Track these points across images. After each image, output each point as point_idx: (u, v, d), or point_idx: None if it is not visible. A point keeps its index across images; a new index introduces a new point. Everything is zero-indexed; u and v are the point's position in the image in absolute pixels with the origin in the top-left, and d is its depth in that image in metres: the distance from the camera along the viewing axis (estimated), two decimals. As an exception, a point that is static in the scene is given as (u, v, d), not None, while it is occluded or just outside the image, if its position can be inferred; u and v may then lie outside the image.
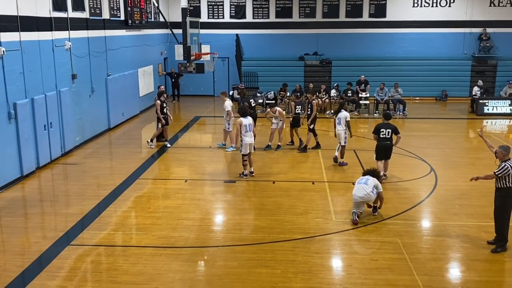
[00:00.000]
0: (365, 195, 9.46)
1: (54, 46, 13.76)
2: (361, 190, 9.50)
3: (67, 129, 14.32)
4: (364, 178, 9.75)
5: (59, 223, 9.76)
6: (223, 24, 25.48)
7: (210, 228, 9.45)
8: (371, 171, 9.95)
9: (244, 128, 12.10)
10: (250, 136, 12.17)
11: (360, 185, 9.58)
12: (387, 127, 11.81)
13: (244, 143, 12.15)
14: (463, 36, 24.93)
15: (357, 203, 9.57)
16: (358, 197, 9.51)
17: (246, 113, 12.42)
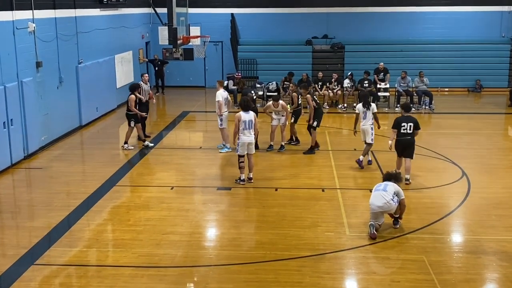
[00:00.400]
0: (385, 203, 9.46)
1: (15, 28, 13.74)
2: (380, 198, 9.49)
3: (30, 127, 14.31)
4: (382, 184, 9.75)
5: (22, 238, 9.73)
6: (216, 2, 25.49)
7: (201, 244, 9.43)
8: (391, 175, 9.95)
9: (243, 124, 11.99)
10: (248, 134, 12.09)
11: (378, 192, 9.58)
12: (408, 120, 12.01)
13: (240, 141, 12.08)
14: (500, 15, 24.95)
15: (375, 214, 9.58)
16: (376, 206, 9.50)
17: (249, 107, 12.24)
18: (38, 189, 12.21)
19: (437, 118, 19.63)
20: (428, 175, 12.84)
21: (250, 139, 12.12)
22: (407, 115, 12.16)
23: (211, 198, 11.62)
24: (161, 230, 9.80)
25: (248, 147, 12.16)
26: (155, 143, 16.03)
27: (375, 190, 9.73)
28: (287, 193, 11.75)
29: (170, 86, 25.39)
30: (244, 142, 12.07)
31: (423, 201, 11.13)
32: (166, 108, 22.50)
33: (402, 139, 12.00)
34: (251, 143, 12.19)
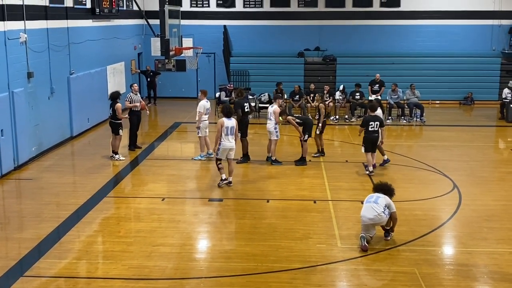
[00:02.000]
0: (376, 216, 9.45)
1: (7, 38, 13.71)
2: (371, 211, 9.48)
3: (21, 138, 14.24)
4: (374, 196, 9.74)
5: (11, 249, 9.65)
6: (209, 14, 25.58)
7: (191, 256, 9.39)
8: (383, 187, 9.95)
9: (225, 130, 12.44)
10: (231, 140, 12.56)
11: (369, 204, 9.58)
12: (375, 119, 13.70)
13: (222, 147, 12.50)
14: (491, 29, 25.19)
15: (366, 226, 9.56)
16: (368, 218, 9.49)
17: (231, 114, 12.76)
18: (28, 200, 12.13)
19: (428, 130, 19.71)
20: (420, 187, 12.87)
21: (231, 145, 12.59)
22: (373, 115, 13.83)
23: (203, 210, 11.58)
24: (151, 242, 9.74)
25: (228, 153, 12.62)
26: (147, 153, 16.00)
27: (366, 202, 9.72)
28: (279, 205, 11.74)
29: (162, 97, 25.39)
30: (226, 148, 12.51)
31: (414, 213, 11.13)
32: (158, 119, 22.47)
33: (370, 136, 13.57)
34: (232, 148, 12.65)
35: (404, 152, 16.14)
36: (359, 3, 25.25)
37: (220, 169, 12.76)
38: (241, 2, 25.53)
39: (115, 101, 15.15)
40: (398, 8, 25.26)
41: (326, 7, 25.36)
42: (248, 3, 25.54)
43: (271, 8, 25.50)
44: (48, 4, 15.92)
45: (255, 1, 25.53)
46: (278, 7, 25.46)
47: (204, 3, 25.60)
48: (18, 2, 14.19)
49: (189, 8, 25.26)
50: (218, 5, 25.59)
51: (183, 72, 25.78)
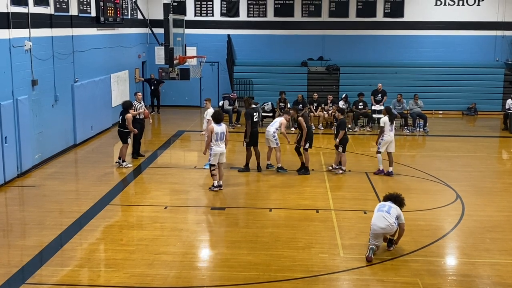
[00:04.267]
0: (388, 226, 9.41)
1: (12, 46, 13.78)
2: (383, 220, 9.43)
3: (25, 145, 14.26)
4: (386, 206, 9.66)
5: (13, 257, 9.64)
6: (213, 23, 25.66)
7: (193, 265, 9.37)
8: (394, 197, 9.84)
9: (215, 136, 12.81)
10: (221, 145, 12.92)
11: (381, 214, 9.52)
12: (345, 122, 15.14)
13: (213, 152, 12.88)
14: (494, 39, 25.20)
15: (377, 235, 9.50)
16: (380, 228, 9.43)
17: (221, 119, 13.05)
18: (30, 207, 12.13)
19: (431, 140, 19.69)
20: (423, 197, 12.84)
21: (222, 150, 12.99)
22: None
23: (205, 218, 11.57)
24: (154, 250, 9.73)
25: (219, 157, 12.96)
26: (150, 162, 16.01)
27: (378, 210, 9.64)
28: (281, 214, 11.72)
29: (165, 105, 25.43)
30: (217, 153, 12.87)
31: (417, 223, 11.10)
32: (161, 127, 22.50)
33: (347, 137, 14.78)
34: (223, 153, 13.04)
35: (407, 162, 16.12)
36: (363, 13, 25.31)
37: (213, 176, 13.11)
38: (245, 11, 25.61)
39: (126, 110, 15.16)
40: (401, 18, 25.31)
41: (329, 17, 25.41)
42: (252, 13, 25.63)
43: (275, 17, 25.57)
44: (53, 13, 16.01)
45: (259, 11, 25.62)
46: (282, 16, 25.53)
47: (208, 12, 25.70)
48: (23, 10, 14.27)
49: (193, 17, 25.35)
50: (222, 15, 25.68)
51: (187, 81, 25.83)
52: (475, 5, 25.12)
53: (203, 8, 25.67)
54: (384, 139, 14.44)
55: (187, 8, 25.47)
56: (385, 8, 25.27)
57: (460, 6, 25.15)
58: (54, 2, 15.99)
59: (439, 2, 25.20)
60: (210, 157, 12.98)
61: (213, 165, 13.05)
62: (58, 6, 16.28)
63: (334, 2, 25.32)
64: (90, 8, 18.79)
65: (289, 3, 25.47)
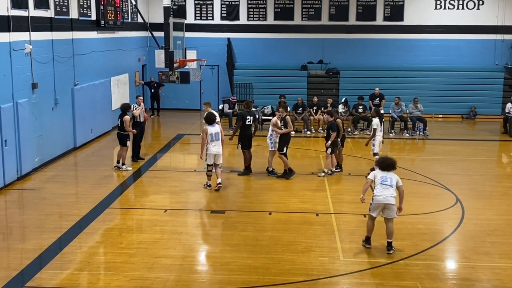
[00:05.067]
0: (394, 198, 9.63)
1: (12, 49, 13.78)
2: (386, 193, 9.61)
3: (24, 148, 14.26)
4: (388, 178, 9.74)
5: (13, 260, 9.63)
6: (213, 27, 25.69)
7: (193, 268, 9.37)
8: (392, 164, 9.91)
9: (210, 137, 13.11)
10: (216, 145, 13.18)
11: (385, 187, 9.66)
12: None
13: (208, 153, 13.21)
14: (494, 43, 25.23)
15: (378, 206, 9.69)
16: (384, 199, 9.59)
17: (213, 121, 13.35)
18: (30, 211, 12.12)
19: (431, 144, 19.69)
20: (422, 201, 12.83)
21: (217, 150, 13.23)
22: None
23: (205, 221, 11.56)
24: (153, 253, 9.72)
25: (215, 158, 13.24)
26: (150, 165, 16.01)
27: (382, 183, 9.68)
28: (281, 217, 11.71)
29: (165, 108, 25.44)
30: (211, 153, 13.19)
31: (417, 227, 11.09)
32: (161, 130, 22.51)
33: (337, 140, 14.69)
34: (218, 154, 13.29)
35: (407, 166, 16.11)
36: (363, 17, 25.35)
37: (208, 176, 13.50)
38: (245, 15, 25.65)
39: (124, 113, 15.19)
40: (401, 22, 25.35)
41: (329, 20, 25.45)
42: (252, 16, 25.67)
43: (274, 21, 25.61)
44: (53, 16, 16.02)
45: (259, 14, 25.66)
46: (282, 20, 25.57)
47: (208, 16, 25.74)
48: (23, 13, 14.29)
49: (193, 20, 25.39)
50: (222, 18, 25.71)
51: (187, 84, 25.85)
52: (474, 9, 25.16)
53: (203, 11, 25.71)
54: (377, 139, 14.91)
55: (187, 12, 25.51)
56: (385, 12, 25.32)
57: (460, 10, 25.20)
58: (54, 5, 16.01)
59: (439, 6, 25.25)
60: (206, 157, 13.34)
61: (209, 165, 13.42)
62: (58, 10, 16.29)
63: (334, 6, 25.36)
64: (91, 11, 18.81)
65: (289, 6, 25.51)
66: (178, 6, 25.43)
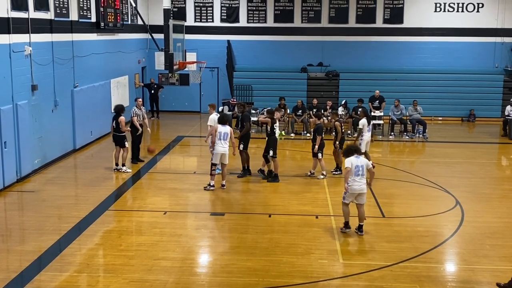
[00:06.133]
0: (364, 185, 10.65)
1: (12, 51, 13.79)
2: (361, 181, 10.55)
3: (24, 150, 14.26)
4: (359, 167, 10.53)
5: (12, 262, 9.63)
6: (213, 29, 25.71)
7: (193, 270, 9.36)
8: (354, 149, 10.85)
9: (218, 135, 13.31)
10: (222, 145, 13.30)
11: (359, 177, 10.52)
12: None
13: (215, 152, 13.36)
14: (493, 46, 25.25)
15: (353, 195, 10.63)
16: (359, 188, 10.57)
17: (225, 122, 13.61)
18: (30, 213, 12.12)
19: (430, 146, 19.70)
20: (422, 204, 12.84)
21: (224, 150, 13.37)
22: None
23: (204, 224, 11.55)
24: (153, 256, 9.72)
25: (222, 157, 13.37)
26: (149, 167, 16.01)
27: (356, 174, 10.49)
28: (281, 220, 11.70)
29: (165, 110, 25.44)
30: (218, 152, 13.33)
31: (416, 230, 11.09)
32: (161, 132, 22.51)
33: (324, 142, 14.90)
34: (224, 153, 13.42)
35: (406, 168, 16.13)
36: (362, 20, 25.37)
37: (212, 175, 13.53)
38: (245, 17, 25.67)
39: (118, 114, 15.22)
40: (401, 24, 25.37)
41: (329, 23, 25.48)
42: (252, 18, 25.69)
43: (274, 23, 25.63)
44: (53, 18, 16.03)
45: (259, 17, 25.68)
46: (282, 22, 25.59)
47: (208, 18, 25.75)
48: (23, 15, 14.30)
49: (193, 22, 25.40)
50: (222, 20, 25.73)
51: (187, 86, 25.87)
52: (474, 12, 25.19)
53: (203, 13, 25.73)
54: (364, 139, 15.19)
55: (187, 14, 25.54)
56: (385, 14, 25.34)
57: (460, 13, 25.23)
58: (54, 7, 16.02)
59: (439, 9, 25.28)
60: (212, 156, 13.47)
61: (214, 165, 13.46)
62: (58, 11, 16.30)
63: (334, 8, 25.39)
64: (90, 13, 18.82)
65: (289, 9, 25.54)
66: (178, 8, 25.45)
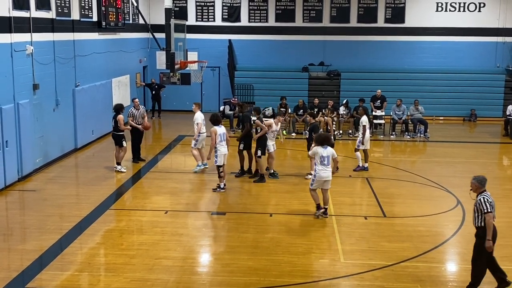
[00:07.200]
0: (330, 173, 11.47)
1: (13, 50, 13.80)
2: (328, 170, 11.38)
3: (25, 149, 14.27)
4: (325, 157, 11.27)
5: (13, 261, 9.64)
6: (214, 28, 25.71)
7: (194, 270, 9.37)
8: (325, 138, 11.62)
9: (219, 137, 13.28)
10: (224, 146, 13.38)
11: (326, 166, 11.32)
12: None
13: (219, 153, 13.30)
14: (495, 46, 25.23)
15: (321, 183, 11.43)
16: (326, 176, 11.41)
17: (219, 122, 13.58)
18: (31, 212, 12.12)
19: (432, 146, 19.68)
20: (423, 203, 12.83)
21: (226, 150, 13.51)
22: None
23: (205, 223, 11.56)
24: (154, 255, 9.72)
25: (224, 157, 13.40)
26: (150, 166, 16.02)
27: (322, 162, 11.31)
28: (282, 219, 11.70)
29: (166, 110, 25.43)
30: (222, 154, 13.31)
31: (418, 229, 11.09)
32: (162, 132, 22.52)
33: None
34: (226, 153, 13.53)
35: (407, 168, 16.12)
36: (364, 19, 25.36)
37: (221, 177, 13.45)
38: (246, 16, 25.67)
39: (117, 113, 15.24)
40: (402, 24, 25.36)
41: (331, 22, 25.47)
42: (253, 18, 25.69)
43: (276, 23, 25.63)
44: (55, 17, 16.04)
45: (260, 16, 25.68)
46: (283, 22, 25.59)
47: (209, 17, 25.75)
48: (25, 14, 14.30)
49: (194, 22, 25.40)
50: (224, 20, 25.73)
51: (188, 86, 25.86)
52: (476, 11, 25.17)
53: (204, 13, 25.73)
54: (366, 136, 15.36)
55: (189, 13, 25.54)
56: (386, 14, 25.33)
57: (461, 12, 25.21)
58: (55, 6, 16.03)
59: (440, 8, 25.26)
60: (216, 159, 13.31)
61: (220, 166, 13.37)
62: (59, 11, 16.31)
63: (335, 8, 25.38)
64: (92, 12, 18.83)
65: (290, 8, 25.53)
66: (180, 8, 25.46)
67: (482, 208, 8.07)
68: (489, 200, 8.09)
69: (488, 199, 8.10)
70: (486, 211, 8.04)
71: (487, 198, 8.11)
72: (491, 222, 8.08)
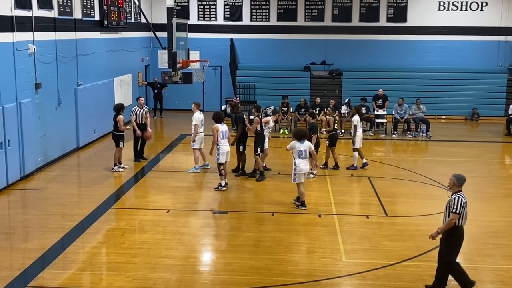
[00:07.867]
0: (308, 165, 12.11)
1: (15, 49, 13.81)
2: (306, 163, 11.99)
3: (28, 148, 14.29)
4: (303, 152, 11.86)
5: (15, 260, 9.65)
6: (216, 27, 25.71)
7: (195, 269, 9.38)
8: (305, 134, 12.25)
9: (221, 134, 13.35)
10: (226, 143, 13.45)
11: (304, 159, 11.89)
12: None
13: (221, 151, 13.35)
14: (497, 45, 25.21)
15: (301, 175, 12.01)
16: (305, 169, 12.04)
17: (221, 119, 13.63)
18: (33, 211, 12.14)
19: (434, 145, 19.67)
20: (425, 202, 12.82)
21: (228, 148, 13.58)
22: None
23: (207, 222, 11.57)
24: (156, 254, 9.73)
25: (226, 155, 13.49)
26: (152, 165, 16.03)
27: (300, 156, 11.86)
28: (284, 218, 11.71)
29: (168, 109, 25.45)
30: (224, 151, 13.39)
31: (419, 228, 11.08)
32: (164, 131, 22.53)
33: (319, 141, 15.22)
34: (229, 151, 13.62)
35: (409, 167, 16.11)
36: (366, 18, 25.35)
37: (222, 175, 13.49)
38: (248, 15, 25.67)
39: (118, 113, 15.23)
40: (404, 23, 25.34)
41: (332, 21, 25.46)
42: (255, 17, 25.69)
43: (278, 22, 25.63)
44: (57, 16, 16.04)
45: (262, 15, 25.68)
46: (285, 21, 25.58)
47: (211, 17, 25.76)
48: (27, 13, 14.32)
49: (196, 21, 25.41)
50: (225, 19, 25.74)
51: (190, 85, 25.88)
52: (478, 11, 25.14)
53: (206, 12, 25.74)
54: (358, 135, 15.34)
55: (190, 12, 25.54)
56: (388, 13, 25.31)
57: (463, 12, 25.19)
58: (58, 5, 16.03)
59: (442, 7, 25.24)
60: (218, 156, 13.35)
61: (221, 164, 13.40)
62: (62, 10, 16.32)
63: (337, 7, 25.37)
64: (94, 12, 18.84)
65: (292, 7, 25.52)
66: (181, 7, 25.46)
67: (452, 206, 8.04)
68: (463, 201, 8.08)
69: (463, 200, 8.09)
70: (455, 211, 8.03)
71: (462, 199, 8.10)
72: (452, 223, 8.09)
